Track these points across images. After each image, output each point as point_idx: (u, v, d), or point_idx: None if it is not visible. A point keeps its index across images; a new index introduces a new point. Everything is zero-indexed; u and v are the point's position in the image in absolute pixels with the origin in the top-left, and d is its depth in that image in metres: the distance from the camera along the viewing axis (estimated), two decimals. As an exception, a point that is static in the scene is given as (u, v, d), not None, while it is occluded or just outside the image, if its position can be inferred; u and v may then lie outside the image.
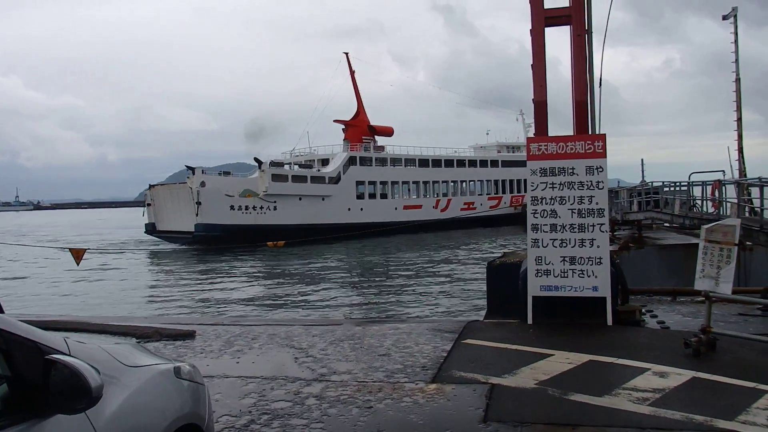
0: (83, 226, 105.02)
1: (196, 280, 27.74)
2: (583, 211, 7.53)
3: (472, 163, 73.02)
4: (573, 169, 7.58)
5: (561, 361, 5.66)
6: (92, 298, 22.62)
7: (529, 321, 7.57)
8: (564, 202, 7.58)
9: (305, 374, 5.61)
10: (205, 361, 6.14)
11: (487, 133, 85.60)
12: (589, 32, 8.26)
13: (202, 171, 53.31)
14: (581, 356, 5.77)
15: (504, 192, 75.83)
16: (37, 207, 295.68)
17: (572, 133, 8.38)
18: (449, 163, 70.34)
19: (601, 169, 7.55)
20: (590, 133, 8.16)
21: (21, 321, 2.42)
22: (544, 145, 7.71)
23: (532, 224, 7.71)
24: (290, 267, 31.79)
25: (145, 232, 54.38)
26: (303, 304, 19.58)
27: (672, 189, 26.14)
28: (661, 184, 27.28)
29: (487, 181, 74.06)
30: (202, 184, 51.36)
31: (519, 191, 77.74)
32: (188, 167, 53.12)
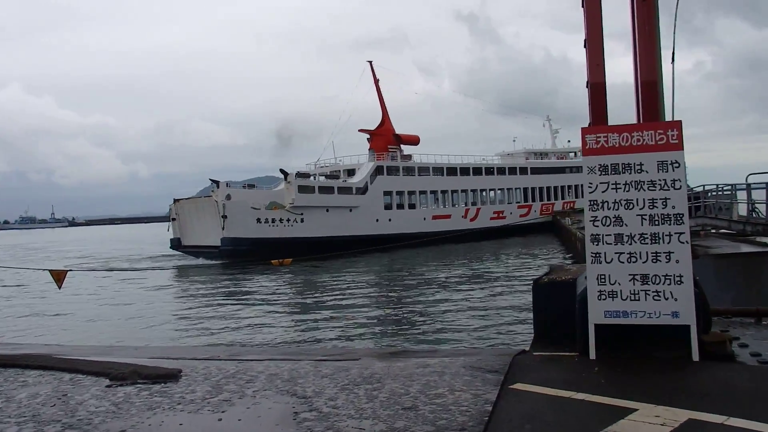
0: (113, 241, 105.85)
1: (212, 298, 26.66)
2: (656, 217, 6.04)
3: (501, 170, 71.43)
4: (641, 165, 6.10)
5: (650, 420, 4.17)
6: (94, 321, 21.65)
7: (592, 355, 6.08)
8: (631, 206, 6.10)
9: (303, 441, 4.24)
10: (179, 417, 4.79)
11: (514, 140, 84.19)
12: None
13: (227, 184, 52.74)
14: (676, 412, 4.28)
15: (534, 200, 74.08)
16: (72, 223, 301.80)
17: (635, 122, 6.89)
18: (477, 171, 68.86)
19: (677, 165, 6.07)
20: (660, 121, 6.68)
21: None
22: (604, 137, 6.24)
23: (592, 235, 6.23)
24: (313, 283, 30.42)
25: (170, 248, 53.84)
26: (319, 327, 18.14)
27: (723, 192, 24.25)
28: (714, 186, 25.29)
29: (516, 188, 72.39)
30: (228, 197, 50.72)
31: (549, 199, 75.93)
32: (212, 180, 52.57)
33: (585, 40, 6.78)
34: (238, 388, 5.56)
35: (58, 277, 9.92)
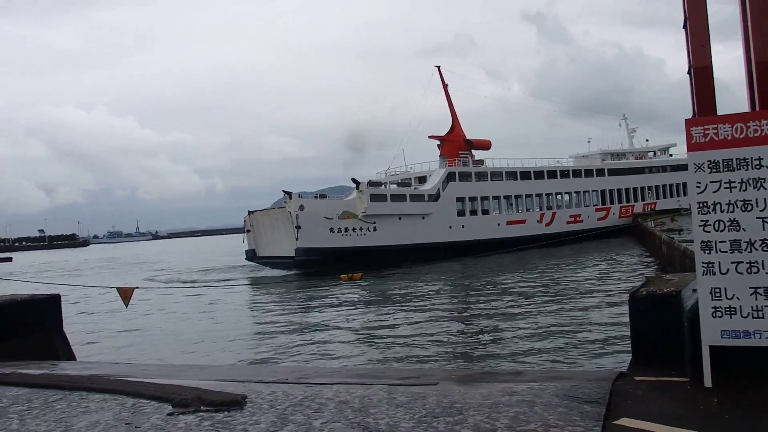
0: (192, 253, 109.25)
1: (283, 313, 26.46)
2: (781, 220, 5.16)
3: (576, 173, 69.03)
4: (760, 159, 5.24)
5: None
6: (166, 337, 21.82)
7: (707, 383, 5.26)
8: (750, 207, 5.25)
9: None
10: (240, 454, 4.34)
11: (589, 142, 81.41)
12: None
13: (299, 195, 53.15)
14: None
15: (612, 202, 71.21)
16: (155, 237, 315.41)
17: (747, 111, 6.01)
18: (552, 174, 66.79)
19: (804, 158, 5.18)
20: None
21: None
22: (713, 128, 5.41)
23: (703, 242, 5.40)
24: (386, 296, 29.65)
25: (246, 259, 54.69)
26: (393, 343, 17.37)
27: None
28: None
29: (593, 191, 69.71)
30: (301, 207, 51.11)
31: (629, 201, 72.79)
32: (285, 192, 53.10)
33: (684, 20, 5.97)
34: (305, 419, 5.08)
35: (125, 294, 9.77)
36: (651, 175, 76.30)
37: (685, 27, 6.03)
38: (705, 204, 5.41)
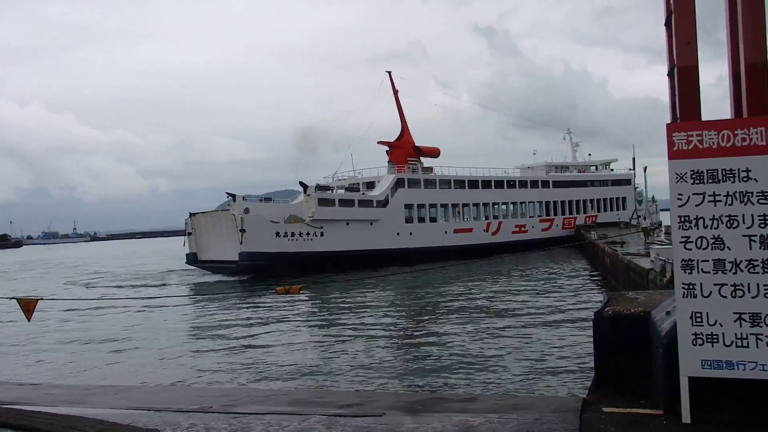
0: (131, 256, 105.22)
1: (220, 326, 24.78)
2: (769, 239, 4.66)
3: (523, 183, 69.80)
4: (748, 171, 4.74)
5: None
6: (88, 351, 20.08)
7: (686, 418, 4.70)
8: (736, 224, 4.73)
9: None
10: None
11: (534, 154, 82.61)
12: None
13: (243, 198, 51.62)
14: None
15: (556, 214, 72.26)
16: (94, 238, 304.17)
17: (728, 118, 5.52)
18: (499, 184, 67.24)
19: (795, 171, 4.70)
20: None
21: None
22: (697, 135, 4.88)
23: (684, 260, 4.85)
24: (329, 308, 27.88)
25: (186, 263, 52.77)
26: (334, 363, 15.72)
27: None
28: None
29: (538, 202, 70.62)
30: (246, 210, 49.64)
31: (571, 213, 74.02)
32: (229, 194, 51.55)
33: (668, 16, 5.46)
34: (226, 463, 4.26)
35: (27, 307, 8.47)
36: (593, 189, 77.91)
37: (667, 24, 5.53)
38: (686, 218, 4.87)
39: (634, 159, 67.51)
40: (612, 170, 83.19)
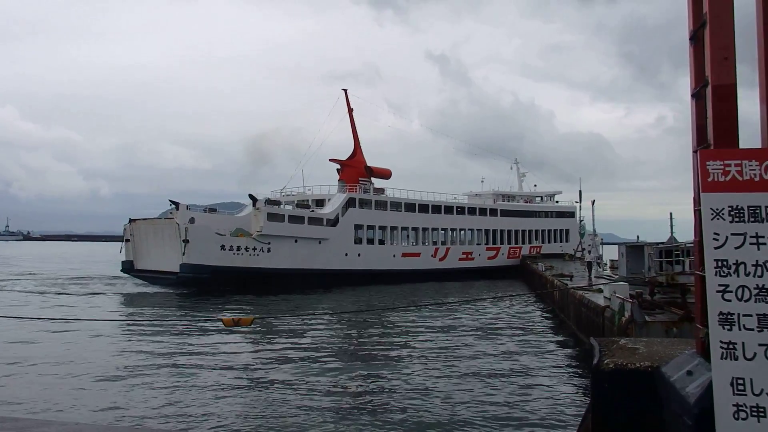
0: (65, 258, 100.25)
1: (155, 343, 22.70)
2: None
3: (472, 210, 70.10)
4: (799, 215, 4.09)
5: None
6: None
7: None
8: (786, 276, 4.06)
9: None
10: None
11: (482, 181, 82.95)
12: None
13: (187, 207, 49.51)
14: None
15: (502, 243, 72.53)
16: (27, 237, 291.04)
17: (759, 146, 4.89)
18: (449, 209, 67.32)
19: None
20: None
21: None
22: (736, 165, 4.25)
23: (722, 314, 4.18)
24: (272, 340, 24.69)
25: (121, 270, 50.25)
26: (272, 407, 14.15)
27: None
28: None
29: (486, 230, 70.75)
30: (191, 220, 47.70)
31: (517, 242, 74.51)
32: (172, 202, 49.47)
33: (694, 31, 4.83)
34: None
35: None
36: (539, 219, 78.87)
37: (694, 38, 4.92)
38: (724, 263, 4.21)
39: (580, 192, 68.41)
40: (557, 202, 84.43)
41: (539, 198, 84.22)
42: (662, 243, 31.56)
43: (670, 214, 33.00)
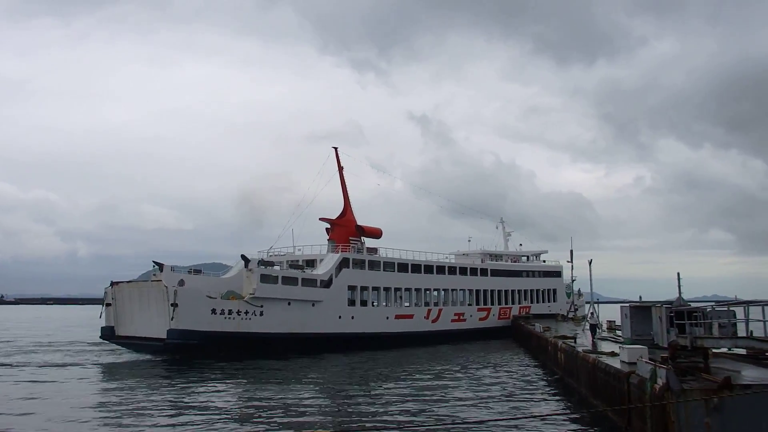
0: (37, 324, 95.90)
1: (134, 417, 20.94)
2: None
3: (463, 270, 69.04)
4: None
5: None
6: None
7: None
8: None
9: None
10: None
11: (469, 241, 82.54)
12: None
13: (171, 268, 47.53)
14: None
15: (493, 303, 71.33)
16: (0, 301, 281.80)
17: None
18: (441, 269, 66.09)
19: None
20: None
21: None
22: None
23: None
24: (261, 406, 23.99)
25: (100, 337, 47.18)
26: None
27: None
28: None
29: (477, 290, 69.51)
30: (181, 282, 45.78)
31: (507, 303, 73.25)
32: (156, 263, 47.52)
33: None
34: None
35: None
36: (528, 279, 78.21)
37: None
38: None
39: (571, 252, 68.19)
40: (544, 261, 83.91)
41: (525, 257, 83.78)
42: (666, 303, 30.42)
43: (678, 273, 32.07)
